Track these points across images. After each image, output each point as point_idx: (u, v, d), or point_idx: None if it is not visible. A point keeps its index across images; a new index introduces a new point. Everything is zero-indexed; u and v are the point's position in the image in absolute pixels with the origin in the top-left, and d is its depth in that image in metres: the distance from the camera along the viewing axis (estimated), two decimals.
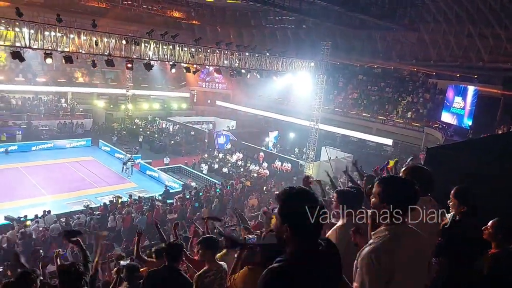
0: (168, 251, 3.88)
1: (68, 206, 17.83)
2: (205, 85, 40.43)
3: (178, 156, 28.12)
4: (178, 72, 24.62)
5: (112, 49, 16.14)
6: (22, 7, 15.80)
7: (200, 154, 27.95)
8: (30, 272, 3.84)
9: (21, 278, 3.71)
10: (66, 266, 3.54)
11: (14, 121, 28.24)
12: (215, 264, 3.89)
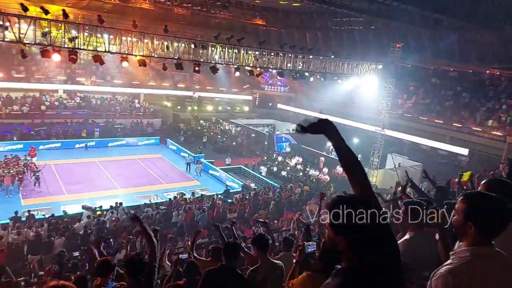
0: (226, 251, 3.92)
1: (137, 199, 19.05)
2: (267, 88, 40.78)
3: (239, 157, 28.68)
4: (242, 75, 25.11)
5: (181, 53, 16.97)
6: (103, 14, 17.31)
7: (260, 156, 28.20)
8: (109, 260, 4.10)
9: (101, 266, 3.97)
10: (132, 256, 3.70)
11: (93, 119, 31.03)
12: (267, 262, 3.98)
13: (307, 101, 35.65)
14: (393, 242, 1.62)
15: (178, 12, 30.61)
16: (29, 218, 14.53)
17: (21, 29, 13.57)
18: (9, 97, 29.50)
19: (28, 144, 24.52)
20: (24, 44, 13.89)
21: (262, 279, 3.78)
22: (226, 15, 32.54)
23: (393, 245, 1.63)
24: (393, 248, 1.61)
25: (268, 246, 4.17)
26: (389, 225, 1.56)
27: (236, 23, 34.34)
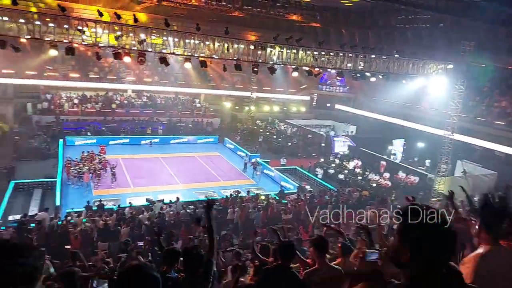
0: (283, 251, 3.91)
1: (195, 195, 19.79)
2: (325, 88, 40.06)
3: (294, 158, 28.53)
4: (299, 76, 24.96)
5: (241, 54, 17.30)
6: (169, 18, 18.24)
7: (316, 158, 27.78)
8: (175, 250, 4.30)
9: (168, 255, 4.18)
10: (189, 248, 3.84)
11: (158, 117, 32.86)
12: (325, 265, 3.92)
13: (367, 102, 34.41)
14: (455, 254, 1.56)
15: (238, 15, 31.25)
16: (99, 207, 15.82)
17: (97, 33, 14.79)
18: (84, 95, 32.33)
19: (100, 140, 26.71)
20: (99, 47, 15.11)
21: (320, 282, 3.71)
22: (284, 16, 32.51)
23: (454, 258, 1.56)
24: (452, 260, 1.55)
25: (327, 249, 4.15)
26: (455, 237, 1.50)
27: (295, 23, 34.18)
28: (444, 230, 1.45)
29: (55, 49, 14.35)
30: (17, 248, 1.31)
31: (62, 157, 22.22)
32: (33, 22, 13.90)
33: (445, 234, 1.45)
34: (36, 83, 30.35)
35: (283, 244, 4.14)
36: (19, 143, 24.21)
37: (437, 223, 1.45)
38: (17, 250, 1.30)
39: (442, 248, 1.45)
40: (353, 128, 34.35)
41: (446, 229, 1.46)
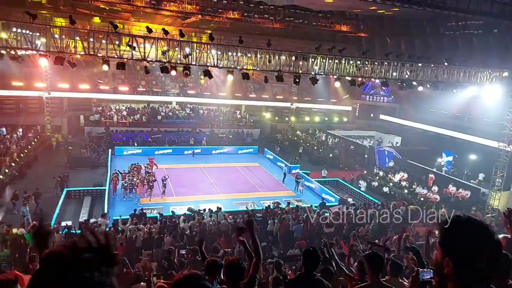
0: (307, 258, 3.88)
1: (235, 205, 19.90)
2: (368, 98, 39.05)
3: (336, 169, 27.89)
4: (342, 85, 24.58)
5: (282, 65, 17.35)
6: (213, 32, 18.76)
7: (359, 170, 26.97)
8: (217, 261, 4.29)
9: (209, 266, 4.16)
10: (232, 260, 3.79)
11: (200, 128, 33.68)
12: (379, 283, 3.86)
13: (414, 112, 33.08)
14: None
15: (279, 27, 31.50)
16: (141, 215, 16.30)
17: (145, 49, 15.51)
18: (132, 108, 33.92)
19: (146, 151, 27.79)
20: (147, 62, 15.83)
21: None
22: (327, 26, 32.29)
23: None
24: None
25: (382, 267, 4.07)
26: (500, 250, 1.42)
27: (338, 33, 33.82)
28: (489, 242, 1.39)
29: (106, 64, 15.21)
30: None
31: (111, 167, 23.32)
32: (87, 39, 14.86)
33: (490, 246, 1.39)
34: (88, 97, 32.36)
35: (307, 251, 4.02)
36: (72, 153, 25.77)
37: (481, 235, 1.39)
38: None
39: (487, 261, 1.38)
40: (398, 139, 33.05)
41: (491, 241, 1.39)
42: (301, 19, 31.47)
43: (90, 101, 33.11)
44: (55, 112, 30.03)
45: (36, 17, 13.68)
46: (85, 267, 1.05)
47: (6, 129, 26.43)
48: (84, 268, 1.04)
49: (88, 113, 32.27)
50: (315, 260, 3.87)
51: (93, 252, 1.10)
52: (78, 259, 1.06)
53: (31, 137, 26.67)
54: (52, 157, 25.48)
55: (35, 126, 28.30)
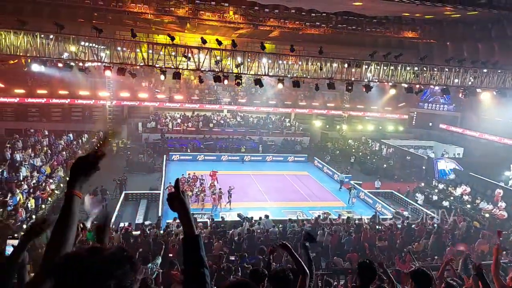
0: (362, 270, 3.71)
1: (284, 214, 19.73)
2: (426, 106, 36.98)
3: (390, 181, 26.67)
4: (397, 93, 23.55)
5: (334, 72, 17.07)
6: (264, 41, 18.98)
7: (416, 182, 25.53)
8: (260, 271, 4.26)
9: (252, 275, 4.15)
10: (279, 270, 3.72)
11: (250, 136, 34.07)
12: None
13: (477, 121, 30.73)
14: None
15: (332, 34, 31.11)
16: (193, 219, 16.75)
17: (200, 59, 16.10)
18: (186, 116, 35.27)
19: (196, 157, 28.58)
20: (201, 71, 16.40)
21: None
22: (382, 32, 31.28)
23: None
24: None
25: (431, 285, 3.81)
26: None
27: (393, 39, 32.61)
28: None
29: (163, 74, 16.01)
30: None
31: (165, 172, 24.33)
32: (147, 51, 15.77)
33: None
34: (146, 105, 34.24)
35: (362, 263, 3.81)
36: (131, 158, 27.31)
37: None
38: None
39: None
40: (459, 150, 30.85)
41: None
42: (354, 26, 30.82)
43: (148, 109, 34.97)
44: (116, 119, 32.08)
45: (102, 31, 14.79)
46: (103, 270, 1.09)
47: (73, 135, 28.72)
48: (102, 271, 1.07)
49: (145, 120, 34.07)
50: (372, 272, 3.70)
51: (110, 256, 1.12)
52: (96, 262, 1.10)
53: (95, 142, 28.71)
54: (113, 161, 27.17)
55: (98, 132, 30.45)
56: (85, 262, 1.10)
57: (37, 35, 13.84)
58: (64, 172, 21.44)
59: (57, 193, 19.07)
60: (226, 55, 16.70)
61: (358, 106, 36.93)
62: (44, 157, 22.60)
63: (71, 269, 1.09)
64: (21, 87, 29.91)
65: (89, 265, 1.09)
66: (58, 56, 14.74)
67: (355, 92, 25.41)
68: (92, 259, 1.11)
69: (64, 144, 26.52)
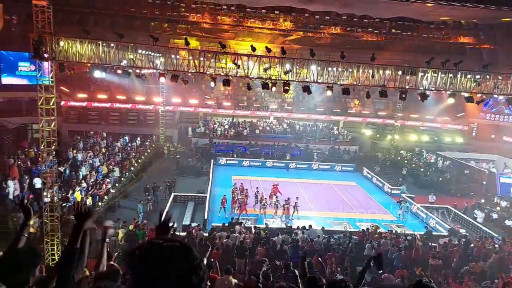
0: None
1: (329, 224, 19.24)
2: (489, 117, 34.32)
3: (445, 195, 25.07)
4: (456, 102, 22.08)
5: (387, 80, 16.39)
6: (314, 48, 18.76)
7: (475, 198, 23.72)
8: (317, 279, 4.12)
9: (310, 283, 4.02)
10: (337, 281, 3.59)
11: (296, 143, 33.78)
12: None
13: None
14: None
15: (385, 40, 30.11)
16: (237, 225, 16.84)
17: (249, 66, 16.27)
18: (233, 122, 35.86)
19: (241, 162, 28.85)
20: (250, 79, 16.56)
21: None
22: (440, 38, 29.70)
23: None
24: None
25: None
26: None
27: (453, 45, 30.80)
28: None
29: (214, 81, 16.40)
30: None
31: (213, 176, 24.85)
32: (198, 58, 16.25)
33: None
34: (196, 111, 35.35)
35: (418, 282, 3.52)
36: (180, 161, 28.26)
37: None
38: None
39: None
40: None
41: None
42: (410, 31, 29.56)
43: (197, 115, 36.06)
44: (168, 124, 33.45)
45: (158, 40, 15.51)
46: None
47: (128, 137, 30.36)
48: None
49: (195, 125, 35.13)
50: None
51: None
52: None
53: (147, 145, 30.11)
54: (163, 164, 28.30)
55: (151, 136, 31.91)
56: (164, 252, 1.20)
57: (100, 43, 14.80)
58: (120, 172, 22.71)
59: (112, 192, 20.21)
60: (275, 62, 16.73)
61: (412, 115, 35.20)
62: (102, 158, 24.10)
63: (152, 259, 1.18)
64: (84, 92, 32.29)
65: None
66: (117, 63, 15.66)
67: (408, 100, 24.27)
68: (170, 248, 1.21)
69: (120, 146, 28.10)
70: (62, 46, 14.16)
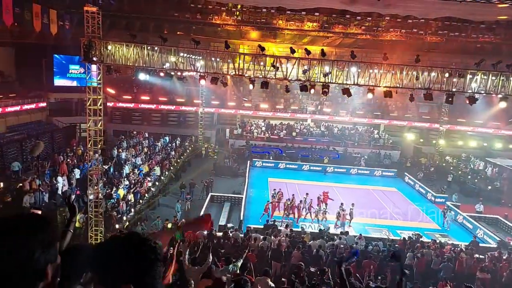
0: None
1: (368, 230, 18.69)
2: None
3: (495, 205, 23.57)
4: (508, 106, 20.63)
5: (432, 82, 15.67)
6: (355, 49, 18.35)
7: None
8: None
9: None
10: None
11: (334, 146, 33.16)
12: None
13: None
14: None
15: (431, 40, 28.83)
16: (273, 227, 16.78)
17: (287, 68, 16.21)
18: (270, 124, 35.88)
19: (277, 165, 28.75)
20: (288, 81, 16.49)
21: None
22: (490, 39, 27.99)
23: None
24: None
25: None
26: None
27: (505, 46, 28.90)
28: None
29: (252, 83, 16.50)
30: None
31: (248, 177, 25.00)
32: (237, 61, 16.42)
33: None
34: (236, 113, 35.77)
35: None
36: (217, 162, 28.69)
37: None
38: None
39: None
40: None
41: None
42: (457, 32, 28.11)
43: (235, 117, 36.46)
44: (206, 125, 34.12)
45: (199, 43, 15.86)
46: None
47: (169, 138, 31.30)
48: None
49: (232, 127, 35.54)
50: None
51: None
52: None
53: (187, 145, 30.87)
54: (201, 164, 28.88)
55: (190, 137, 32.69)
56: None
57: (144, 47, 15.41)
58: (160, 171, 23.46)
59: (152, 190, 20.91)
60: (314, 64, 16.53)
61: (458, 119, 33.39)
62: (144, 157, 25.02)
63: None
64: (128, 94, 33.73)
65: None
66: (160, 66, 16.20)
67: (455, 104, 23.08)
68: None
69: (160, 146, 29.04)
70: (109, 50, 14.88)
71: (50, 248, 1.17)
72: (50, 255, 1.17)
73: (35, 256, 1.11)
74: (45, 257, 1.14)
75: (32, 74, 28.31)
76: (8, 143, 21.27)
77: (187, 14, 31.08)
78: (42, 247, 1.13)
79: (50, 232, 1.18)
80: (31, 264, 1.10)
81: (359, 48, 29.40)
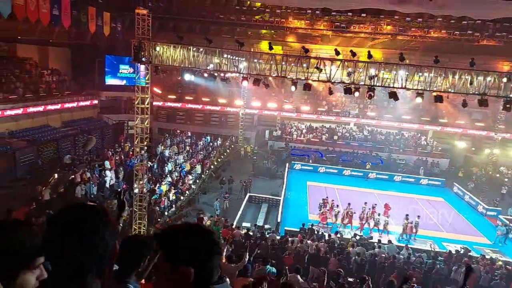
0: None
1: (411, 241, 17.89)
2: None
3: None
4: None
5: (488, 87, 14.68)
6: (404, 52, 17.63)
7: None
8: None
9: None
10: None
11: (377, 152, 32.06)
12: None
13: None
14: None
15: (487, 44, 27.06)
16: (311, 232, 16.52)
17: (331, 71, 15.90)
18: (311, 126, 35.41)
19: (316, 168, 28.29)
20: (332, 83, 16.18)
21: None
22: None
23: None
24: None
25: None
26: None
27: None
28: None
29: (295, 85, 16.38)
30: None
31: (287, 179, 24.85)
32: (280, 63, 16.37)
33: None
34: (274, 114, 35.74)
35: None
36: (256, 163, 28.81)
37: None
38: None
39: None
40: None
41: None
42: None
43: (275, 118, 36.41)
44: (247, 126, 34.38)
45: (243, 45, 16.01)
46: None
47: (210, 137, 31.91)
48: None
49: (272, 128, 35.51)
50: None
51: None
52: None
53: (227, 145, 31.31)
54: (241, 165, 29.13)
55: (230, 137, 33.12)
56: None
57: (190, 48, 15.82)
58: (201, 170, 23.98)
59: (193, 187, 21.41)
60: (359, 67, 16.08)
61: None
62: (186, 155, 25.70)
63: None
64: (173, 94, 34.84)
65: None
66: (205, 67, 16.58)
67: None
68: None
69: (202, 145, 29.69)
70: (157, 51, 15.44)
71: (116, 232, 1.36)
72: (116, 235, 1.36)
73: (105, 236, 1.28)
74: (113, 238, 1.32)
75: (85, 73, 30.14)
76: (64, 137, 22.79)
77: (232, 16, 31.55)
78: (109, 231, 1.30)
79: (112, 218, 1.35)
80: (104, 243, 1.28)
81: (409, 50, 28.23)
